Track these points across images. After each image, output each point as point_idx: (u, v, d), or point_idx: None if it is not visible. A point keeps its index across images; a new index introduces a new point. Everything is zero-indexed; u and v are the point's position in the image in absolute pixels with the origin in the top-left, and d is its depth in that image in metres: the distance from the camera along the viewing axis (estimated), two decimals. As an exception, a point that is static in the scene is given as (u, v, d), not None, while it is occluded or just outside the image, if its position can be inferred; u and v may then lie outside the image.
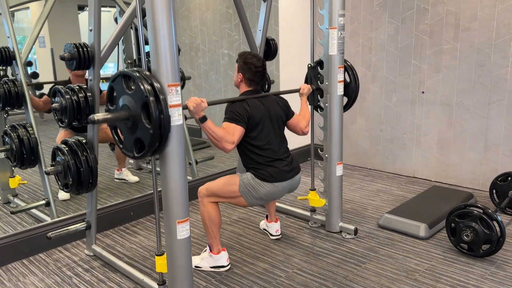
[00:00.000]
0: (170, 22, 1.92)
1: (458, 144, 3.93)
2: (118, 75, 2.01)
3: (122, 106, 2.01)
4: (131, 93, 1.97)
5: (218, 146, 2.40)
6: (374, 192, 3.97)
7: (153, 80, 1.92)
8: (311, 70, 3.07)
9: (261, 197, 2.60)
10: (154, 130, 1.91)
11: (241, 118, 2.48)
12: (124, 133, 2.09)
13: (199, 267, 2.70)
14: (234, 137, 2.43)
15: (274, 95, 2.79)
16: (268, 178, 2.56)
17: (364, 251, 2.87)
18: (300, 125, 2.84)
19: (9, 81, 3.16)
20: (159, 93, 1.90)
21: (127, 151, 2.11)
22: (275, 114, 2.67)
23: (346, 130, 4.70)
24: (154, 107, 1.88)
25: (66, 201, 3.83)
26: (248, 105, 2.54)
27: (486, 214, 2.64)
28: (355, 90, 3.12)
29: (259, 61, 2.62)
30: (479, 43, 3.66)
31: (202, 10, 5.75)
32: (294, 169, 2.70)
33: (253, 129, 2.55)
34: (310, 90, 2.98)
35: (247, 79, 2.63)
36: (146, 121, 1.93)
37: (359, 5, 4.36)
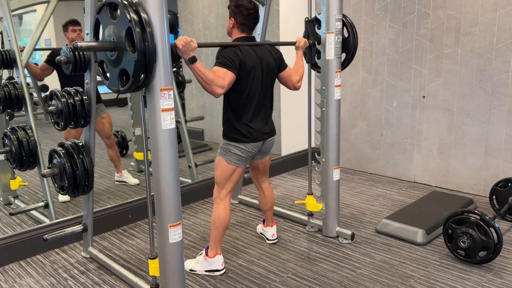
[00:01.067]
0: (163, 26, 1.93)
1: (458, 149, 3.90)
2: (103, 4, 1.96)
3: (107, 37, 1.96)
4: (115, 22, 1.91)
5: (207, 90, 2.33)
6: (373, 196, 3.95)
7: (139, 9, 1.86)
8: (308, 24, 3.00)
9: (245, 156, 2.61)
10: (139, 58, 1.84)
11: (233, 63, 2.42)
12: (110, 66, 2.02)
13: (194, 270, 2.70)
14: (224, 81, 2.36)
15: (269, 45, 2.72)
16: (241, 138, 2.57)
17: (360, 257, 2.85)
18: (292, 78, 2.78)
19: (10, 84, 3.19)
20: (145, 23, 1.85)
21: (112, 85, 2.04)
22: (267, 64, 2.60)
23: (347, 134, 4.68)
24: (138, 34, 1.82)
25: (66, 203, 3.86)
26: (240, 51, 2.47)
27: (483, 221, 2.61)
28: (354, 45, 3.02)
29: (250, 3, 2.55)
30: (480, 47, 3.63)
31: (205, 14, 5.77)
32: (270, 132, 2.70)
33: (244, 77, 2.49)
34: (307, 44, 2.91)
35: (239, 24, 2.56)
36: (131, 49, 1.87)
37: (360, 9, 4.35)
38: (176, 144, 2.07)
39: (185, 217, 3.58)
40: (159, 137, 2.01)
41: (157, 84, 1.96)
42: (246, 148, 2.60)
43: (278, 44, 2.96)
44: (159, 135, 2.01)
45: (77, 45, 1.89)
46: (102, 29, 2.02)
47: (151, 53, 1.88)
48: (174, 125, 2.04)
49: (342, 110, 4.61)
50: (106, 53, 2.01)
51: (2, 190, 3.89)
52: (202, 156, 5.32)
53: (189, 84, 6.00)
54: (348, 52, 3.06)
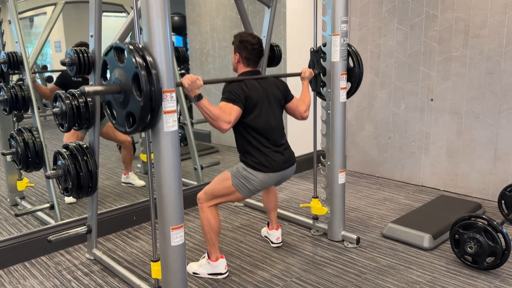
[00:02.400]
0: (165, 28, 1.92)
1: (467, 153, 3.85)
2: (110, 48, 2.00)
3: (114, 80, 1.99)
4: (122, 66, 1.94)
5: (214, 126, 2.35)
6: (380, 200, 3.91)
7: (145, 53, 1.89)
8: (313, 54, 3.01)
9: (255, 187, 2.56)
10: (145, 102, 1.87)
11: (239, 98, 2.44)
12: (117, 107, 2.05)
13: (197, 273, 2.68)
14: (230, 117, 2.38)
15: (274, 77, 2.73)
16: (260, 167, 2.52)
17: (366, 261, 2.82)
18: (299, 109, 2.78)
19: (16, 85, 3.21)
20: (151, 67, 1.88)
21: (119, 126, 2.07)
22: (273, 96, 2.62)
23: (354, 137, 4.65)
24: (144, 79, 1.85)
25: (72, 204, 3.88)
26: (246, 86, 2.49)
27: (491, 226, 2.57)
28: (359, 75, 3.03)
29: (254, 38, 2.57)
30: (489, 50, 3.58)
31: (213, 16, 5.78)
32: (289, 161, 2.66)
33: (250, 111, 2.50)
34: (312, 74, 2.93)
35: (244, 58, 2.59)
36: (137, 94, 1.90)
37: (368, 11, 4.32)
38: (178, 147, 2.06)
39: (190, 219, 3.57)
40: (162, 139, 2.00)
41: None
42: (262, 179, 2.54)
43: (284, 75, 2.99)
44: (161, 137, 2.00)
45: (84, 91, 1.93)
46: (110, 71, 2.05)
47: (157, 98, 1.91)
48: (176, 127, 2.03)
49: (349, 113, 4.58)
50: (113, 95, 2.04)
51: (9, 191, 3.92)
52: (208, 158, 5.32)
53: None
54: (353, 82, 3.07)
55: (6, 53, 3.23)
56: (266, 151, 2.55)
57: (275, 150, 2.59)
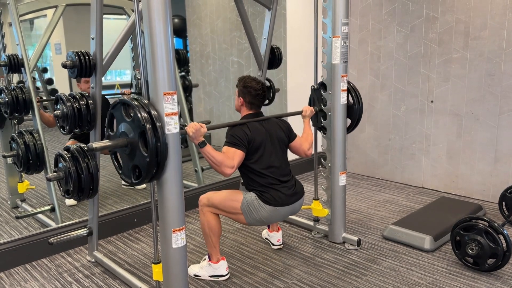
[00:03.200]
0: (166, 30, 1.93)
1: (467, 154, 3.85)
2: (117, 102, 2.06)
3: (121, 133, 2.05)
4: (129, 121, 2.00)
5: (218, 171, 2.39)
6: (381, 202, 3.91)
7: (150, 109, 1.95)
8: (314, 92, 3.06)
9: (261, 219, 2.56)
10: (151, 158, 1.94)
11: (241, 142, 2.48)
12: (123, 159, 2.12)
13: (198, 275, 2.68)
14: (233, 161, 2.42)
15: (276, 117, 2.77)
16: (271, 201, 2.53)
17: (367, 263, 2.82)
18: (303, 147, 2.82)
19: (17, 88, 3.21)
20: (156, 121, 1.93)
21: (125, 177, 2.14)
22: (276, 137, 2.66)
23: (355, 139, 4.65)
24: (151, 135, 1.92)
25: (73, 206, 3.87)
26: (248, 129, 2.53)
27: (492, 228, 2.57)
28: (359, 112, 3.07)
29: (258, 84, 2.62)
30: (489, 52, 3.59)
31: (213, 19, 5.78)
32: (297, 194, 2.67)
33: (254, 153, 2.54)
34: (313, 112, 2.98)
35: (247, 103, 2.64)
36: (144, 149, 1.96)
37: (368, 13, 4.33)
38: (179, 149, 2.07)
39: (191, 221, 3.57)
40: (163, 141, 2.01)
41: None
42: (270, 212, 2.54)
43: (285, 115, 3.01)
44: (162, 139, 2.00)
45: (92, 147, 2.00)
46: (117, 124, 2.10)
47: (163, 152, 1.95)
48: (178, 130, 2.03)
49: (349, 115, 4.58)
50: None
51: (10, 193, 3.92)
52: (208, 160, 5.31)
53: (196, 89, 6.04)
54: (353, 119, 3.09)
55: (7, 55, 3.24)
56: (273, 187, 2.57)
57: (282, 185, 2.60)
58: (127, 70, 10.96)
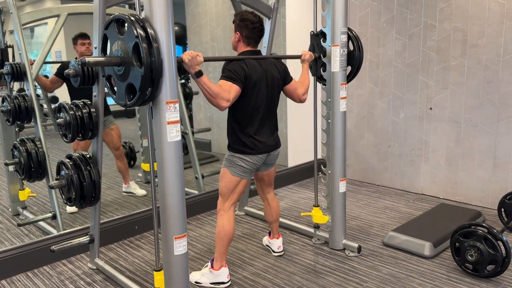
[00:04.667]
0: (169, 41, 1.95)
1: (466, 161, 3.88)
2: (111, 20, 2.00)
3: (115, 52, 2.00)
4: (122, 37, 1.95)
5: (213, 103, 2.35)
6: (381, 209, 3.93)
7: (146, 25, 1.89)
8: (313, 37, 3.03)
9: (250, 168, 2.62)
10: (146, 73, 1.87)
11: (238, 77, 2.44)
12: (117, 81, 2.06)
13: (199, 283, 2.69)
14: (230, 95, 2.38)
15: (274, 58, 2.75)
16: (246, 149, 2.57)
17: (367, 270, 2.83)
18: (297, 91, 2.80)
19: (20, 96, 3.24)
20: (152, 39, 1.88)
21: (119, 99, 2.07)
22: (272, 77, 2.63)
23: (354, 145, 4.67)
24: (145, 50, 1.85)
25: (74, 214, 3.88)
26: (246, 65, 2.49)
27: (491, 234, 2.58)
28: (359, 58, 3.04)
29: (255, 17, 2.58)
30: (487, 59, 3.63)
31: (213, 26, 5.83)
32: (275, 143, 2.71)
33: (250, 90, 2.51)
34: (312, 57, 2.93)
35: (244, 37, 2.59)
36: (137, 64, 1.90)
37: (367, 21, 4.37)
38: (181, 157, 2.09)
39: (191, 228, 3.58)
40: (165, 149, 2.03)
41: (163, 98, 1.98)
42: (251, 160, 2.61)
43: (284, 57, 2.99)
44: (164, 147, 2.03)
45: (85, 61, 1.92)
46: (110, 44, 2.05)
47: (158, 68, 1.91)
48: (179, 138, 2.05)
49: (349, 122, 4.61)
50: (113, 68, 2.04)
51: (11, 200, 3.93)
52: (209, 167, 5.34)
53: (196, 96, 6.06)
54: (353, 65, 3.07)
55: (10, 64, 3.27)
56: (254, 133, 2.59)
57: (264, 133, 2.63)
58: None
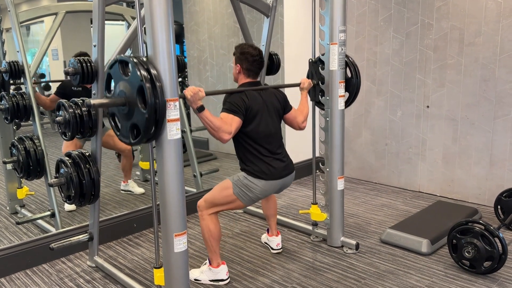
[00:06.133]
0: (169, 38, 1.96)
1: (463, 159, 3.90)
2: (115, 61, 2.03)
3: (119, 93, 2.03)
4: (127, 79, 1.98)
5: (215, 136, 2.39)
6: (378, 206, 3.95)
7: (149, 66, 1.93)
8: (312, 64, 3.07)
9: (256, 195, 2.60)
10: (150, 115, 1.90)
11: (239, 109, 2.48)
12: (121, 119, 2.09)
13: (199, 280, 2.71)
14: (231, 127, 2.43)
15: (274, 88, 2.78)
16: (261, 175, 2.57)
17: (365, 267, 2.85)
18: (297, 119, 2.83)
19: (18, 94, 3.23)
20: (155, 80, 1.91)
21: (123, 137, 2.11)
22: (272, 106, 2.67)
23: (351, 143, 4.69)
24: (149, 91, 1.89)
25: (72, 212, 3.89)
26: (246, 97, 2.54)
27: (488, 231, 2.61)
28: (356, 85, 3.09)
29: (255, 50, 2.62)
30: (483, 58, 3.65)
31: (210, 25, 5.83)
32: (288, 167, 2.71)
33: (250, 121, 2.55)
34: (311, 84, 2.97)
35: (245, 69, 2.63)
36: (142, 106, 1.93)
37: (364, 20, 4.38)
38: (181, 154, 2.10)
39: (190, 226, 3.59)
40: (165, 147, 2.04)
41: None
42: (263, 186, 2.58)
43: (283, 86, 3.04)
44: (165, 145, 2.03)
45: (90, 103, 1.97)
46: (114, 84, 2.08)
47: (162, 109, 1.94)
48: (179, 136, 2.06)
49: (346, 120, 4.62)
50: (117, 107, 2.07)
51: (9, 199, 3.92)
52: (207, 165, 5.35)
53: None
54: (351, 92, 3.13)
55: (8, 62, 3.26)
56: (265, 159, 2.60)
57: (275, 157, 2.64)
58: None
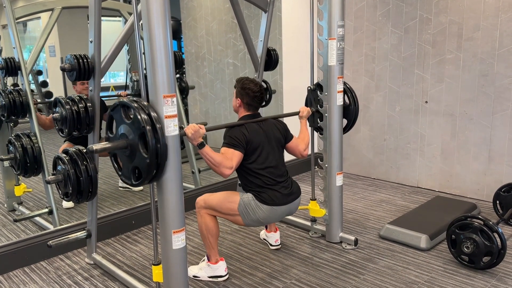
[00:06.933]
0: (166, 34, 1.95)
1: (462, 154, 3.90)
2: (117, 105, 2.07)
3: (121, 135, 2.06)
4: (129, 123, 2.01)
5: (217, 171, 2.41)
6: (377, 202, 3.95)
7: (150, 110, 1.96)
8: (310, 92, 3.09)
9: (258, 220, 2.59)
10: (151, 159, 1.94)
11: (239, 143, 2.50)
12: (123, 160, 2.13)
13: (197, 276, 2.70)
14: (232, 162, 2.44)
15: (273, 118, 2.80)
16: (268, 201, 2.56)
17: (364, 262, 2.85)
18: (299, 148, 2.84)
19: (14, 91, 3.21)
20: (156, 122, 1.94)
21: (125, 178, 2.15)
22: (274, 137, 2.69)
23: (350, 139, 4.69)
24: (151, 136, 1.92)
25: (70, 209, 3.87)
26: (246, 130, 2.56)
27: (487, 226, 2.61)
28: (355, 113, 3.10)
29: (256, 86, 2.64)
30: (482, 52, 3.64)
31: (208, 20, 5.80)
32: (294, 193, 2.70)
33: (252, 154, 2.56)
34: (310, 112, 3.00)
35: (245, 104, 2.66)
36: (144, 151, 1.97)
37: (362, 15, 4.37)
38: (179, 151, 2.09)
39: (189, 222, 3.58)
40: (163, 143, 2.02)
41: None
42: (267, 212, 2.57)
43: (282, 116, 3.03)
44: (162, 141, 2.02)
45: (92, 149, 2.00)
46: (116, 126, 2.10)
47: (163, 153, 1.96)
48: (177, 132, 2.05)
49: (344, 116, 4.62)
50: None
51: (7, 196, 3.91)
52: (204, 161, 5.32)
53: (192, 90, 6.04)
54: (349, 119, 3.13)
55: (4, 58, 3.24)
56: (270, 187, 2.59)
57: (279, 185, 2.63)
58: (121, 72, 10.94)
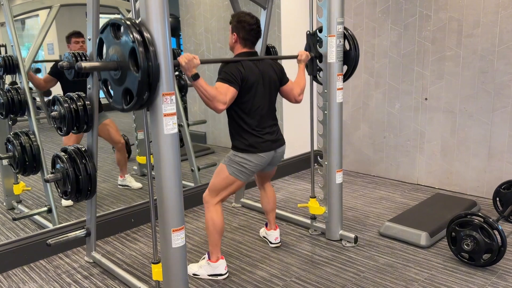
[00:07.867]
0: (164, 31, 1.93)
1: (461, 151, 3.89)
2: (106, 25, 1.98)
3: (111, 57, 1.98)
4: (119, 42, 1.93)
5: (210, 106, 2.35)
6: (376, 199, 3.94)
7: (142, 29, 1.87)
8: (310, 37, 3.02)
9: (250, 170, 2.60)
10: (143, 78, 1.85)
11: (235, 79, 2.44)
12: (113, 85, 2.04)
13: (197, 275, 2.70)
14: (226, 97, 2.38)
15: (271, 59, 2.74)
16: (250, 148, 2.55)
17: (364, 260, 2.85)
18: (293, 92, 2.79)
19: (13, 89, 3.20)
20: (149, 43, 1.86)
21: (116, 103, 2.05)
22: (269, 78, 2.63)
23: (350, 136, 4.68)
24: (142, 53, 1.83)
25: (69, 207, 3.87)
26: (242, 67, 2.49)
27: (487, 223, 2.60)
28: (355, 58, 3.04)
29: (252, 19, 2.58)
30: (482, 49, 3.63)
31: (207, 18, 5.78)
32: (279, 140, 2.70)
33: (246, 92, 2.51)
34: (309, 57, 2.92)
35: (241, 38, 2.58)
36: (134, 69, 1.88)
37: (362, 12, 4.35)
38: (178, 149, 2.07)
39: (188, 221, 3.58)
40: (162, 142, 2.01)
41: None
42: (254, 160, 2.58)
43: (280, 58, 2.98)
44: (161, 140, 2.01)
45: (81, 66, 1.90)
46: (106, 48, 2.03)
47: (155, 73, 1.89)
48: (176, 130, 2.04)
49: (344, 113, 4.60)
50: (109, 72, 2.02)
51: (6, 195, 3.90)
52: (204, 159, 5.33)
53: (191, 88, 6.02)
54: (349, 65, 3.08)
55: (2, 56, 3.23)
56: (255, 133, 2.58)
57: (266, 131, 2.62)
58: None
